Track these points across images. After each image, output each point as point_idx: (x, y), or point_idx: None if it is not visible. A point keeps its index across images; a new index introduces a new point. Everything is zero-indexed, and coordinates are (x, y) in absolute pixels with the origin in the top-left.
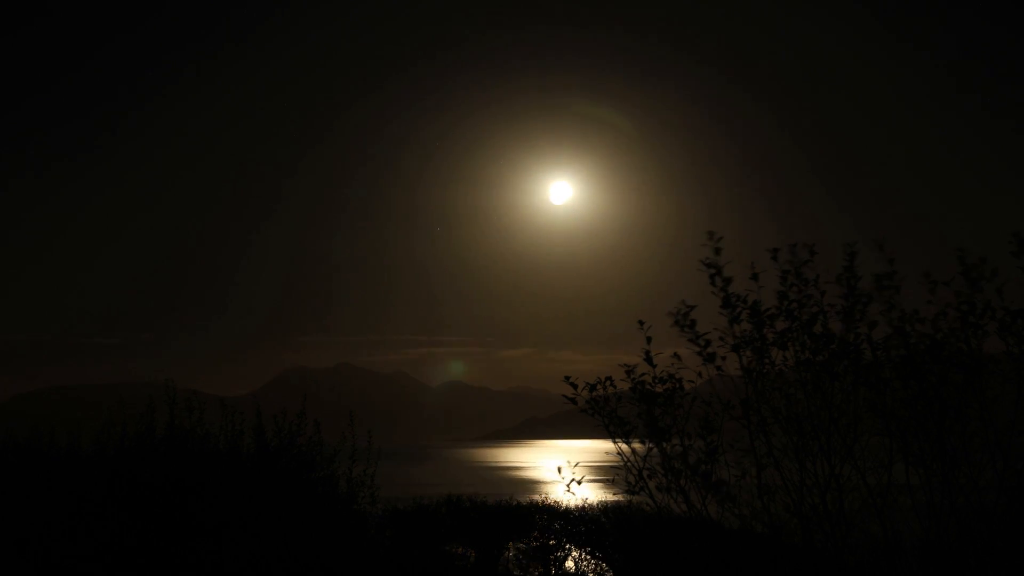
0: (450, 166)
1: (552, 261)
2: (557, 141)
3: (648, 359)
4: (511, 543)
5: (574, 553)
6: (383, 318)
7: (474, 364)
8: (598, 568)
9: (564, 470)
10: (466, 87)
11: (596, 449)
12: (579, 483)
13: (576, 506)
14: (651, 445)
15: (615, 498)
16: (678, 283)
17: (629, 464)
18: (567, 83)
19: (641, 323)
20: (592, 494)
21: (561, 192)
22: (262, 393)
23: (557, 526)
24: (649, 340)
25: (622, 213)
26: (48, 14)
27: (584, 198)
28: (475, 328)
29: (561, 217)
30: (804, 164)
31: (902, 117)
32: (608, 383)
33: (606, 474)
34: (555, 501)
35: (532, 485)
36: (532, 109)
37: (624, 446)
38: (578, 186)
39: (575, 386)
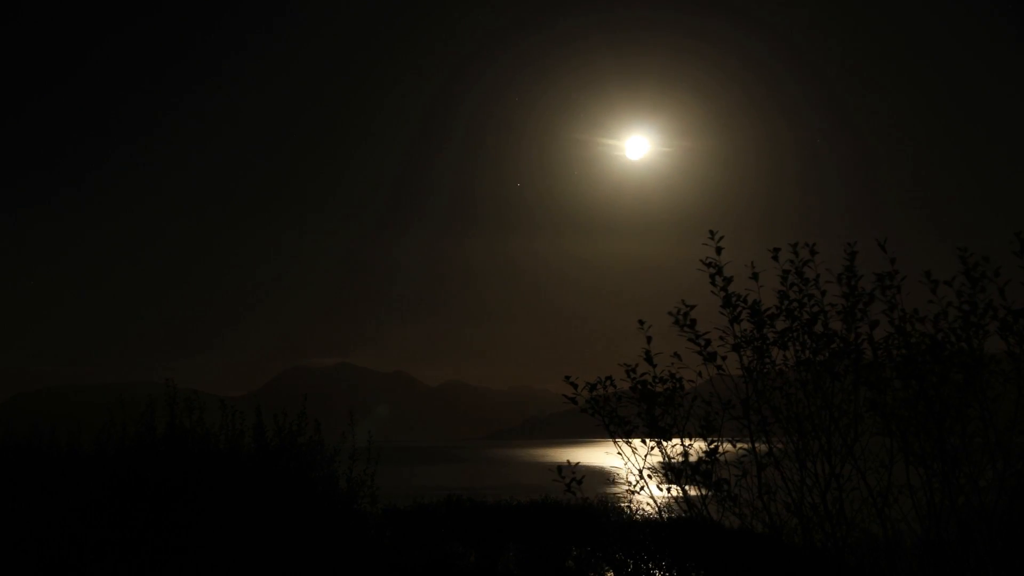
0: (534, 122)
1: (629, 219)
2: (634, 97)
3: (648, 358)
4: (511, 543)
5: (575, 552)
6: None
7: (475, 363)
8: (598, 567)
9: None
10: (544, 42)
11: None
12: (579, 483)
13: (576, 505)
14: (652, 445)
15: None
16: (756, 244)
17: (629, 464)
18: (645, 39)
19: (641, 323)
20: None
21: (638, 147)
22: (262, 393)
23: (559, 525)
24: (649, 340)
25: (702, 170)
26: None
27: (662, 153)
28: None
29: (638, 172)
30: (894, 135)
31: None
32: (608, 383)
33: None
34: (555, 500)
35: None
36: (610, 64)
37: (625, 446)
38: (655, 140)
39: (575, 386)
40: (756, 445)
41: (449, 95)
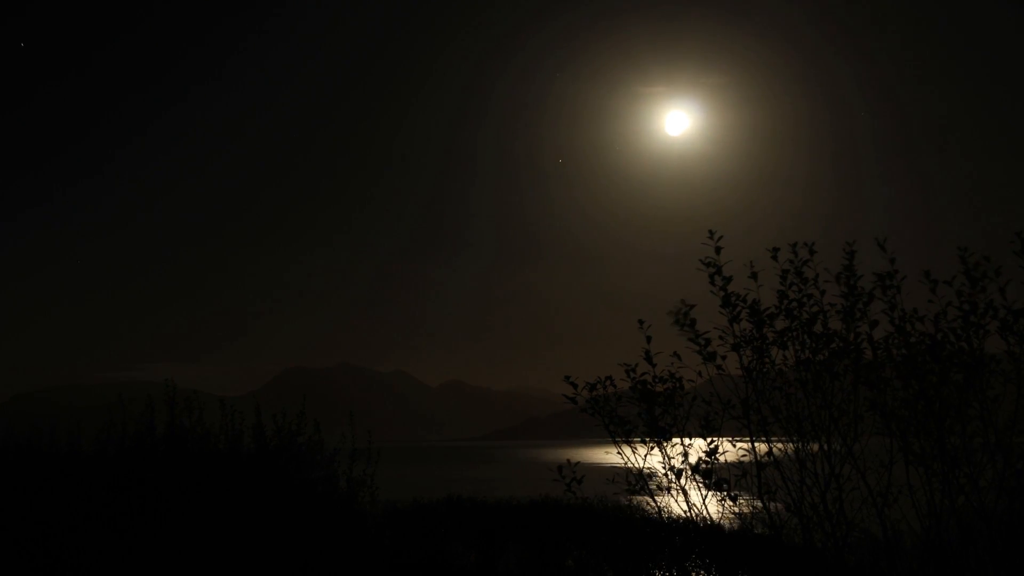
0: (571, 99)
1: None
2: (674, 72)
3: (648, 358)
4: (511, 543)
5: (575, 552)
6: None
7: (475, 363)
8: (598, 567)
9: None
10: (581, 19)
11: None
12: (579, 482)
13: (576, 505)
14: (652, 444)
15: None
16: (798, 224)
17: (629, 463)
18: (684, 13)
19: (641, 322)
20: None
21: (678, 122)
22: (262, 393)
23: (559, 525)
24: (649, 339)
25: (742, 146)
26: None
27: (701, 128)
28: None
29: (677, 148)
30: (938, 116)
31: None
32: (608, 383)
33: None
34: (555, 500)
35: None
36: (649, 39)
37: (624, 446)
38: (695, 116)
39: (575, 385)
40: (756, 445)
41: (485, 73)
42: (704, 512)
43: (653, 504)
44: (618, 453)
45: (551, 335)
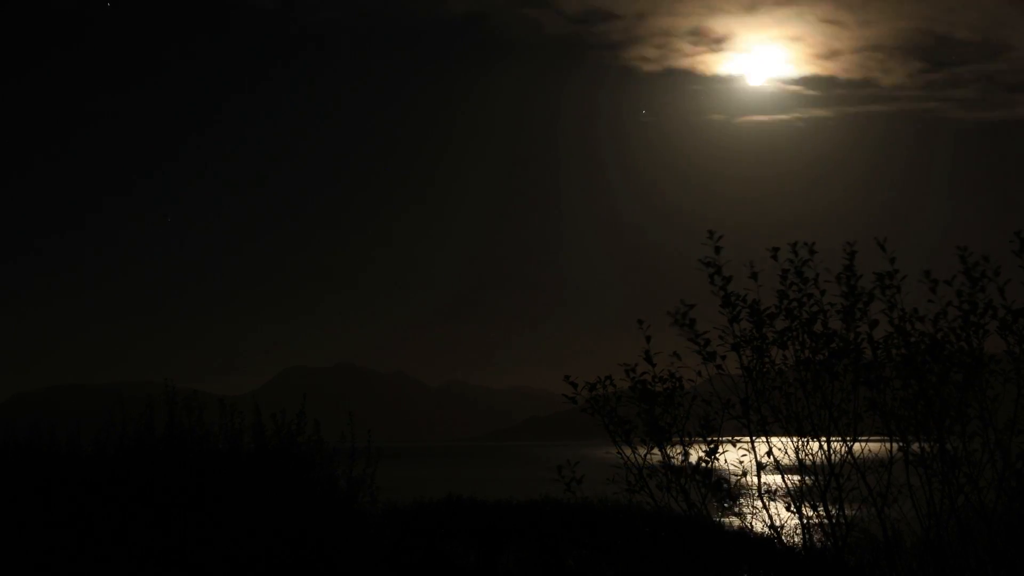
0: (639, 45)
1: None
2: (751, 19)
3: (648, 358)
4: (511, 543)
5: (575, 551)
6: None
7: (475, 363)
8: (598, 567)
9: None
10: None
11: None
12: (579, 482)
13: (576, 504)
14: (651, 444)
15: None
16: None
17: (629, 463)
18: None
19: (640, 322)
20: None
21: (759, 73)
22: (262, 393)
23: (559, 525)
24: (648, 339)
25: (824, 97)
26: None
27: (781, 80)
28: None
29: (757, 102)
30: None
31: None
32: (608, 382)
33: None
34: (555, 500)
35: None
36: None
37: (625, 446)
38: (776, 65)
39: (575, 385)
40: (756, 444)
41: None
42: (704, 512)
43: (653, 504)
44: (617, 453)
45: (558, 331)
